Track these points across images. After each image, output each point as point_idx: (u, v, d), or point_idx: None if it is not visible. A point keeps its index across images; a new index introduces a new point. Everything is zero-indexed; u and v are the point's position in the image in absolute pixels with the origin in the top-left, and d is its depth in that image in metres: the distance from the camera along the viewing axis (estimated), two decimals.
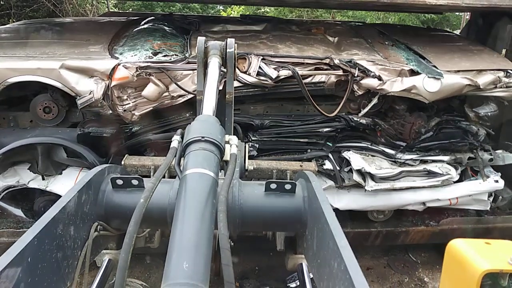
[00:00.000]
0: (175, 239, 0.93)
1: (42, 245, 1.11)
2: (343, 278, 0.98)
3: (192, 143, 1.20)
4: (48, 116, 3.36)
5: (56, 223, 1.18)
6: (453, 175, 3.76)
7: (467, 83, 3.48)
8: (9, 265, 0.96)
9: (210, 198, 1.05)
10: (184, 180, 1.10)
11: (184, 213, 1.00)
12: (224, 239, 0.90)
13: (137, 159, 3.15)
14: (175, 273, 0.83)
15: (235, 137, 1.35)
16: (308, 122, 3.64)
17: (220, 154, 1.24)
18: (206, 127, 1.28)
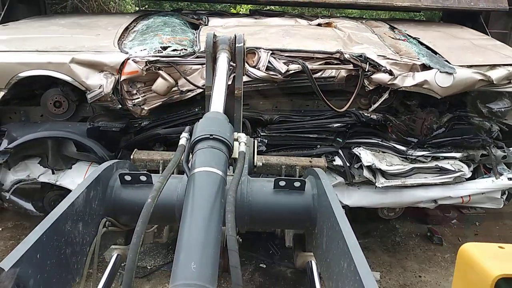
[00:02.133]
0: (182, 239, 0.93)
1: (51, 241, 1.11)
2: (352, 279, 0.97)
3: (200, 140, 1.19)
4: (58, 110, 3.37)
5: (65, 219, 1.18)
6: (465, 172, 3.70)
7: (480, 78, 3.41)
8: (19, 262, 0.96)
9: (218, 197, 1.04)
10: (192, 179, 1.09)
11: (192, 213, 0.99)
12: (232, 241, 0.88)
13: (146, 154, 3.16)
14: (182, 274, 0.83)
15: (243, 135, 1.34)
16: (318, 117, 3.61)
17: (229, 152, 1.23)
18: (214, 124, 1.27)
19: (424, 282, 3.43)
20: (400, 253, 3.84)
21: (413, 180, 3.65)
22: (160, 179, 1.05)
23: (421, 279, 3.47)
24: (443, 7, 4.79)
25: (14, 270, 0.94)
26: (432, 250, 3.91)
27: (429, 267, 3.64)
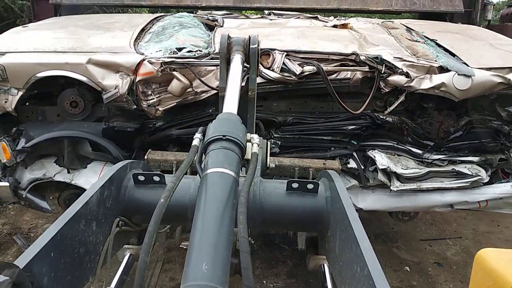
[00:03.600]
0: (194, 240, 0.93)
1: (65, 240, 1.12)
2: (365, 284, 0.95)
3: (213, 141, 1.20)
4: (74, 110, 3.41)
5: (79, 218, 1.19)
6: (483, 176, 3.62)
7: (499, 81, 3.34)
8: (33, 260, 0.97)
9: (231, 198, 1.04)
10: (205, 180, 1.09)
11: (204, 214, 0.99)
12: (244, 242, 0.88)
13: (160, 154, 3.18)
14: (194, 274, 0.83)
15: (256, 136, 1.33)
16: (332, 119, 3.58)
17: (241, 153, 1.23)
18: (227, 125, 1.27)
19: (395, 232, 3.98)
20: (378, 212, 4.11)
21: (429, 184, 3.59)
22: (173, 179, 1.06)
23: (393, 230, 4.01)
24: (410, 10, 5.50)
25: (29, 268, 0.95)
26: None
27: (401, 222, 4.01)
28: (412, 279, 3.15)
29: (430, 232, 3.87)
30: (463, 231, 3.90)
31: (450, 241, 3.76)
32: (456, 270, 3.24)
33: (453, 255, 3.47)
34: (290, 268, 3.25)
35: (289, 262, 3.35)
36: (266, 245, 3.58)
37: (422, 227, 3.94)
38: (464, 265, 3.32)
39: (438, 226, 4.01)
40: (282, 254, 3.45)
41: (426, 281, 3.11)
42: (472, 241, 3.74)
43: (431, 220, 4.09)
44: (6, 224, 3.77)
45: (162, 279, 3.04)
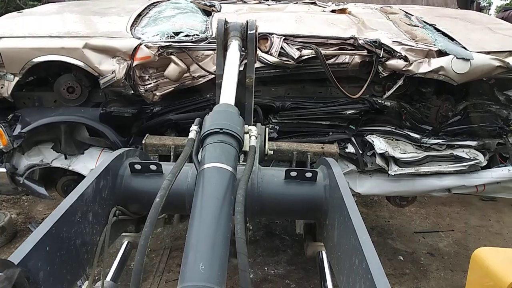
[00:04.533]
0: (191, 239, 0.92)
1: (61, 233, 1.11)
2: (364, 277, 0.95)
3: (210, 134, 1.17)
4: (71, 96, 3.39)
5: (74, 210, 1.18)
6: (480, 160, 3.63)
7: (498, 64, 3.33)
8: (28, 255, 0.96)
9: (228, 194, 1.03)
10: (202, 175, 1.07)
11: (201, 212, 0.98)
12: (241, 244, 0.87)
13: (158, 139, 3.17)
14: (191, 275, 0.83)
15: (254, 128, 1.31)
16: (330, 104, 3.56)
17: (239, 146, 1.21)
18: (224, 117, 1.24)
19: (391, 225, 4.14)
20: (375, 207, 4.46)
21: (427, 168, 3.60)
22: (169, 176, 1.03)
23: (389, 223, 4.17)
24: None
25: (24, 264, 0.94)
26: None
27: (397, 216, 4.32)
28: (405, 267, 3.27)
29: (424, 225, 4.02)
30: (456, 224, 4.05)
31: (443, 233, 3.90)
32: (447, 260, 3.36)
33: (445, 246, 3.60)
34: (290, 256, 3.34)
35: (289, 251, 3.44)
36: (267, 234, 3.69)
37: (416, 221, 4.10)
38: (455, 255, 3.45)
39: (432, 219, 4.16)
40: (283, 243, 3.55)
41: (418, 269, 3.23)
42: (463, 234, 3.88)
43: (426, 214, 4.26)
44: (21, 214, 3.85)
45: (169, 265, 3.13)
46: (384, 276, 0.88)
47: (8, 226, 3.78)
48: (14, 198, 4.09)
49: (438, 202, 4.37)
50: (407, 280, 3.15)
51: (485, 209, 4.28)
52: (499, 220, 4.09)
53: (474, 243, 3.64)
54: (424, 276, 3.19)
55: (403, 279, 3.18)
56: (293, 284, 3.04)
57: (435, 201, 4.43)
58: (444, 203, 4.36)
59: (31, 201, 3.98)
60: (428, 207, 4.29)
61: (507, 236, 3.84)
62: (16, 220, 3.62)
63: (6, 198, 4.12)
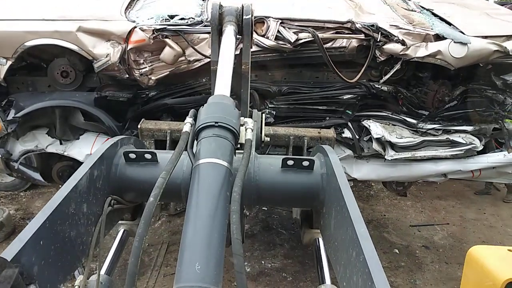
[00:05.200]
0: (187, 238, 0.89)
1: (54, 226, 1.08)
2: (361, 270, 0.94)
3: (205, 128, 1.13)
4: (65, 80, 3.35)
5: (68, 202, 1.15)
6: (476, 145, 3.63)
7: (495, 48, 3.32)
8: (22, 251, 0.94)
9: (224, 191, 1.00)
10: (197, 171, 1.04)
11: (197, 210, 0.95)
12: (237, 245, 0.85)
13: (154, 123, 3.14)
14: (187, 275, 0.81)
15: (250, 120, 1.28)
16: (327, 89, 3.54)
17: (235, 140, 1.17)
18: (220, 110, 1.19)
19: (387, 219, 4.18)
20: (372, 201, 4.50)
21: (423, 153, 3.61)
22: (163, 174, 1.00)
23: (385, 217, 4.21)
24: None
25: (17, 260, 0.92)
26: (397, 199, 4.58)
27: (392, 209, 4.34)
28: (401, 260, 3.31)
29: (419, 219, 4.06)
30: (451, 218, 4.10)
31: (438, 227, 3.93)
32: (442, 253, 3.39)
33: (440, 239, 3.64)
34: (287, 250, 3.38)
35: (286, 245, 3.48)
36: (264, 229, 3.73)
37: (412, 214, 4.14)
38: (450, 248, 3.48)
39: (428, 213, 4.20)
40: (280, 237, 3.59)
41: (413, 262, 3.26)
42: (459, 227, 3.91)
43: (421, 208, 4.29)
44: (19, 210, 3.84)
45: (167, 259, 3.15)
46: (382, 272, 0.87)
47: (7, 222, 3.78)
48: (13, 194, 4.08)
49: (434, 196, 4.42)
50: (402, 273, 3.19)
51: (480, 203, 4.34)
52: (494, 214, 4.14)
53: (469, 236, 3.67)
54: (419, 268, 3.23)
55: (398, 272, 3.23)
56: (290, 277, 3.06)
57: (430, 195, 4.48)
58: (439, 197, 4.41)
59: (29, 197, 3.95)
60: (424, 201, 4.35)
61: (501, 230, 3.88)
62: (14, 216, 3.61)
63: (4, 194, 4.08)
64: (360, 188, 4.64)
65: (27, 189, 3.83)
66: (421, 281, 3.12)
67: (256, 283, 3.06)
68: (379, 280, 0.85)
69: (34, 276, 0.97)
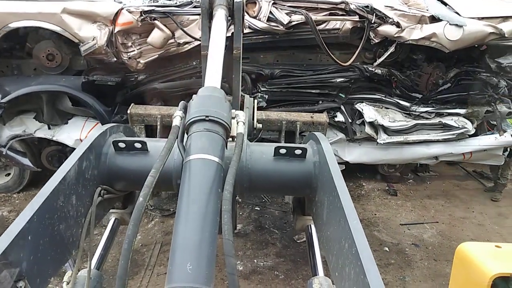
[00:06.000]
0: (178, 237, 0.87)
1: (43, 220, 1.05)
2: (353, 263, 0.93)
3: (195, 122, 1.09)
4: (51, 63, 3.26)
5: (56, 195, 1.12)
6: (469, 128, 3.64)
7: (491, 31, 3.26)
8: (9, 247, 0.91)
9: (215, 187, 0.97)
10: (188, 167, 1.00)
11: (188, 209, 0.92)
12: (229, 246, 0.82)
13: (143, 108, 3.08)
14: (178, 275, 0.79)
15: (242, 113, 1.22)
16: (320, 72, 3.49)
17: (226, 134, 1.13)
18: (210, 103, 1.14)
19: (377, 218, 4.17)
20: (363, 200, 4.46)
21: (415, 136, 3.61)
22: (153, 172, 0.97)
23: (376, 216, 4.20)
24: None
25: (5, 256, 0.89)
26: (388, 199, 4.56)
27: (383, 209, 4.36)
28: (390, 257, 3.39)
29: (409, 218, 4.14)
30: (440, 216, 4.18)
31: (428, 225, 4.00)
32: (431, 250, 3.47)
33: (430, 237, 3.72)
34: (279, 249, 3.45)
35: (278, 244, 3.55)
36: (257, 228, 3.80)
37: (402, 213, 4.21)
38: (439, 246, 3.57)
39: (418, 212, 4.28)
40: (272, 237, 3.65)
41: (403, 259, 3.32)
42: (448, 225, 4.00)
43: (411, 207, 4.37)
44: (13, 211, 3.81)
45: (160, 259, 3.20)
46: (374, 265, 0.86)
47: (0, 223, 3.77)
48: (6, 195, 4.07)
49: (424, 196, 4.56)
50: (392, 270, 3.26)
51: (469, 202, 4.46)
52: (482, 212, 4.26)
53: (458, 234, 3.74)
54: (409, 265, 3.31)
55: (388, 269, 3.29)
56: (282, 275, 3.12)
57: (420, 194, 4.61)
58: (429, 196, 4.54)
59: (22, 198, 3.91)
60: (414, 200, 4.46)
61: (489, 227, 3.98)
62: (8, 217, 3.60)
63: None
64: (351, 188, 4.48)
65: (21, 190, 3.84)
66: (410, 277, 3.21)
67: (249, 282, 3.11)
68: (372, 274, 0.85)
69: (23, 272, 0.95)
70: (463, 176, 5.37)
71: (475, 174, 5.35)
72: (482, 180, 5.15)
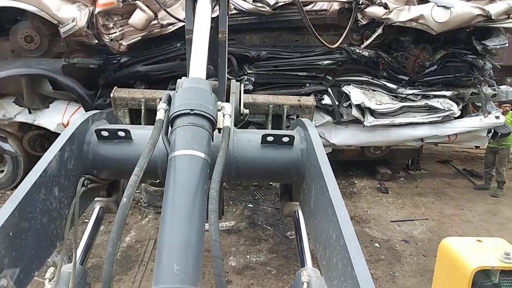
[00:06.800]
0: (164, 237, 0.84)
1: (24, 215, 1.01)
2: (341, 254, 0.92)
3: (179, 116, 1.05)
4: (30, 45, 3.14)
5: (37, 189, 1.07)
6: (454, 110, 3.66)
7: (478, 12, 3.25)
8: None
9: (201, 184, 0.94)
10: (173, 163, 0.96)
11: (174, 208, 0.89)
12: (216, 247, 0.80)
13: (127, 92, 3.00)
14: (166, 276, 0.78)
15: (228, 105, 1.18)
16: (307, 54, 3.44)
17: (212, 127, 1.09)
18: (195, 96, 1.09)
19: (369, 215, 4.26)
20: (355, 198, 4.58)
21: (401, 119, 3.61)
22: (136, 170, 0.93)
23: (367, 213, 4.30)
24: None
25: None
26: (379, 196, 4.70)
27: (374, 206, 4.45)
28: (381, 253, 3.43)
29: (400, 215, 4.21)
30: (430, 213, 4.27)
31: (418, 222, 4.08)
32: (420, 246, 3.53)
33: (419, 234, 3.77)
34: (271, 245, 3.47)
35: (271, 240, 3.60)
36: (250, 225, 3.85)
37: (393, 210, 4.28)
38: (428, 242, 3.61)
39: (408, 209, 4.36)
40: (265, 233, 3.71)
41: (393, 255, 3.38)
42: (437, 222, 4.08)
43: (402, 204, 4.45)
44: None
45: (154, 255, 3.20)
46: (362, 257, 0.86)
47: None
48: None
49: (414, 193, 4.64)
50: (382, 265, 3.31)
51: (458, 199, 4.55)
52: (471, 209, 4.37)
53: (447, 230, 3.81)
54: (398, 261, 3.36)
55: (379, 264, 3.35)
56: (274, 270, 3.17)
57: (411, 192, 4.71)
58: (420, 194, 4.62)
59: None
60: (405, 198, 4.54)
61: (477, 224, 4.08)
62: None
63: None
64: (343, 186, 4.76)
65: (14, 187, 3.76)
66: (399, 273, 3.28)
67: (242, 277, 3.17)
68: (359, 267, 0.84)
69: (4, 267, 0.93)
70: (454, 174, 5.56)
71: (465, 172, 5.55)
72: (472, 178, 5.33)
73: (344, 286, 0.87)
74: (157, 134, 1.05)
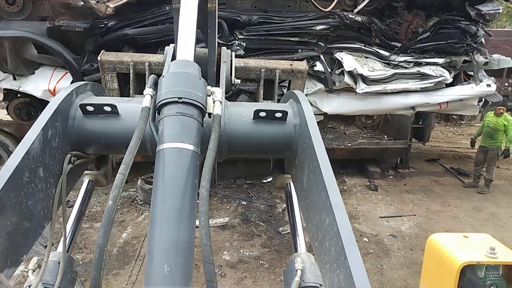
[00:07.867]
0: (154, 237, 0.80)
1: (8, 200, 0.96)
2: (334, 240, 0.89)
3: (167, 104, 0.99)
4: (12, 8, 3.02)
5: (20, 172, 1.01)
6: (446, 77, 3.65)
7: None
8: None
9: (190, 179, 0.89)
10: (161, 156, 0.91)
11: (163, 206, 0.85)
12: (207, 252, 0.77)
13: (115, 55, 2.92)
14: (156, 277, 0.76)
15: (218, 90, 1.10)
16: (300, 18, 3.38)
17: (201, 115, 1.03)
18: (183, 82, 1.01)
19: (358, 211, 4.44)
20: (345, 195, 4.72)
21: (394, 85, 3.59)
22: (122, 168, 0.88)
23: (357, 209, 4.47)
24: None
25: None
26: (369, 194, 4.88)
27: (364, 203, 4.63)
28: (369, 247, 3.51)
29: (389, 211, 4.33)
30: (418, 210, 4.41)
31: (406, 218, 4.21)
32: (408, 241, 3.64)
33: (407, 229, 3.88)
34: (264, 240, 3.58)
35: (264, 236, 3.67)
36: (243, 221, 3.91)
37: (382, 207, 4.40)
38: (415, 236, 3.72)
39: (396, 206, 4.48)
40: (258, 229, 3.78)
41: (381, 249, 3.48)
42: (425, 218, 4.21)
43: (391, 201, 4.57)
44: None
45: None
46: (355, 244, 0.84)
47: None
48: None
49: (403, 191, 4.79)
50: (371, 259, 3.40)
51: (445, 196, 4.71)
52: (458, 206, 4.51)
53: (434, 226, 3.93)
54: (386, 254, 3.46)
55: (367, 258, 3.46)
56: (266, 264, 3.24)
57: (400, 189, 4.84)
58: (408, 191, 4.77)
59: None
60: (393, 195, 4.67)
61: (463, 220, 4.20)
62: None
63: None
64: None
65: None
66: (387, 265, 3.40)
67: (235, 270, 3.25)
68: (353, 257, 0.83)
69: None
70: (441, 173, 5.76)
71: (453, 170, 5.73)
72: (459, 177, 5.52)
73: (336, 273, 0.86)
74: (143, 125, 0.98)
